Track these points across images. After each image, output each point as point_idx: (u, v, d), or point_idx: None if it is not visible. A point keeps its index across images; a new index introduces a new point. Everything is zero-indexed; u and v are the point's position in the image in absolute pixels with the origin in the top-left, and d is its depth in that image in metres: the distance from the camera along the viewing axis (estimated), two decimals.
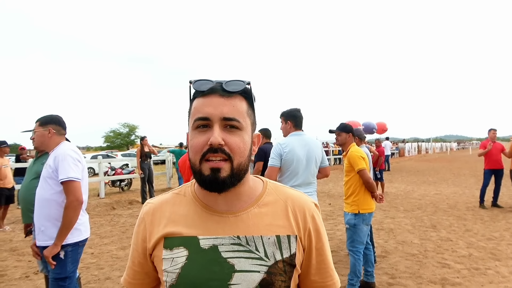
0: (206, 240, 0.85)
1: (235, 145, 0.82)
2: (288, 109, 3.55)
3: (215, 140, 0.80)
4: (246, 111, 0.87)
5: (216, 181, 0.81)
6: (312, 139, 3.49)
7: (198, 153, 0.82)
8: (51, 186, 2.43)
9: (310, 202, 0.95)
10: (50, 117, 2.65)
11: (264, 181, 0.96)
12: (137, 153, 9.67)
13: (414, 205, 8.60)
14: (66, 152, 2.46)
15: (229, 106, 0.83)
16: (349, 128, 3.84)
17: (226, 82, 0.85)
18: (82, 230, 2.53)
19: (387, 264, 4.54)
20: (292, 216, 0.90)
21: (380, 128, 15.83)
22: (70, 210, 2.37)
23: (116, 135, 52.16)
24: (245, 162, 0.85)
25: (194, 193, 0.93)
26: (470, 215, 7.34)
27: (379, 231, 6.14)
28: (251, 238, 0.86)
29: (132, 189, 12.82)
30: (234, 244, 0.85)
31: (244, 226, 0.87)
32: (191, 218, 0.89)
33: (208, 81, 0.85)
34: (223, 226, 0.86)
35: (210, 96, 0.84)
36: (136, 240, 0.94)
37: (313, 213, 0.92)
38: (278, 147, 3.39)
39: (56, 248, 2.35)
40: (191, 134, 0.86)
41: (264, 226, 0.87)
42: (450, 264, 4.50)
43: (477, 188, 10.99)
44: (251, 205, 0.89)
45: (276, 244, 0.86)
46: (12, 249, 5.47)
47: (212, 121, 0.82)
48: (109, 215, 8.07)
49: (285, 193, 0.94)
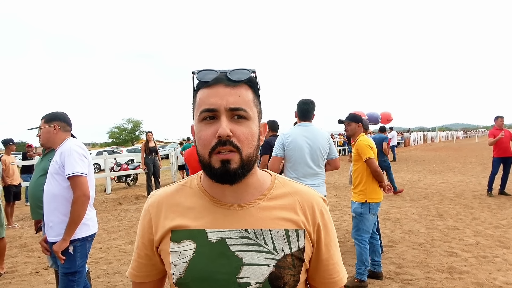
0: (214, 233, 0.85)
1: (243, 135, 0.81)
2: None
3: (223, 131, 0.78)
4: (252, 100, 0.86)
5: (227, 173, 0.80)
6: (318, 130, 3.48)
7: (207, 146, 0.81)
8: (58, 182, 2.45)
9: (319, 197, 0.94)
10: (55, 114, 2.66)
11: (272, 175, 0.96)
12: (142, 148, 9.71)
13: (420, 195, 8.57)
14: (72, 148, 2.48)
15: (235, 96, 0.82)
16: (358, 118, 3.88)
17: (231, 71, 0.84)
18: (90, 225, 2.55)
19: (394, 253, 4.55)
20: (300, 211, 0.89)
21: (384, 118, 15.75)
22: (77, 205, 2.39)
23: (121, 131, 52.36)
24: (253, 152, 0.84)
25: (200, 185, 0.92)
26: (477, 204, 7.31)
27: (385, 221, 6.14)
28: (260, 232, 0.85)
29: (138, 184, 12.90)
30: (242, 238, 0.84)
31: (252, 219, 0.86)
32: (198, 210, 0.88)
33: (212, 71, 0.84)
34: (231, 219, 0.86)
35: (215, 86, 0.83)
36: (142, 232, 0.93)
37: (321, 208, 0.92)
38: (281, 137, 3.46)
39: (65, 243, 2.38)
40: (198, 127, 0.84)
41: (272, 220, 0.86)
42: (457, 252, 4.49)
43: (483, 176, 10.94)
44: (259, 198, 0.89)
45: (284, 237, 0.85)
46: (22, 246, 5.54)
47: (218, 112, 0.81)
48: (116, 210, 8.14)
49: (294, 187, 0.93)
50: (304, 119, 3.50)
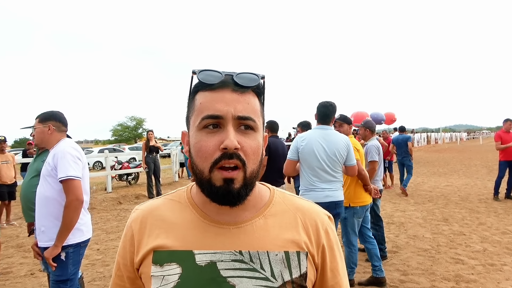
0: (203, 255, 0.73)
1: (250, 149, 0.71)
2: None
3: (231, 143, 0.67)
4: (260, 109, 0.75)
5: (229, 194, 0.69)
6: (336, 134, 3.33)
7: (208, 159, 0.70)
8: (51, 184, 2.34)
9: (323, 214, 0.83)
10: (50, 113, 2.55)
11: (271, 188, 0.84)
12: (143, 147, 9.62)
13: (424, 198, 8.43)
14: (66, 150, 2.37)
15: (243, 104, 0.71)
16: (349, 120, 3.88)
17: (238, 74, 0.72)
18: (84, 230, 2.44)
19: (398, 260, 4.42)
20: (303, 230, 0.78)
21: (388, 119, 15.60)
22: (70, 210, 2.28)
23: (123, 129, 52.45)
24: (257, 168, 0.73)
25: (190, 199, 0.80)
26: (483, 208, 7.17)
27: (389, 225, 6.01)
28: (256, 254, 0.73)
29: (139, 183, 12.81)
30: (236, 261, 0.73)
31: (248, 239, 0.74)
32: (186, 228, 0.76)
33: (216, 72, 0.72)
34: (223, 239, 0.74)
35: (221, 90, 0.71)
36: (123, 251, 0.81)
37: (326, 227, 0.80)
38: (296, 140, 3.35)
39: (57, 250, 2.27)
40: (197, 135, 0.72)
41: (270, 240, 0.75)
42: (464, 259, 4.36)
43: (489, 180, 10.78)
44: (256, 215, 0.77)
45: (284, 261, 0.74)
46: (19, 245, 5.46)
47: (224, 120, 0.69)
48: (116, 209, 8.05)
49: (295, 203, 0.82)
50: (322, 122, 3.36)
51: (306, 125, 5.36)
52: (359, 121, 6.63)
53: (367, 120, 4.64)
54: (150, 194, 9.37)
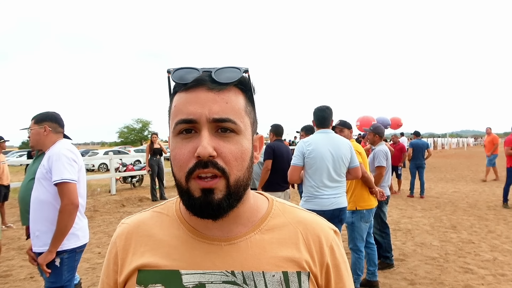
0: (190, 275, 0.65)
1: (230, 155, 0.62)
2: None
3: (203, 150, 0.59)
4: (244, 108, 0.66)
5: (209, 205, 0.61)
6: (339, 138, 3.31)
7: (183, 168, 0.62)
8: (45, 188, 2.27)
9: (328, 228, 0.73)
10: (45, 114, 2.48)
11: (270, 199, 0.75)
12: (147, 150, 9.60)
13: (432, 204, 8.27)
14: (61, 152, 2.30)
15: (220, 103, 0.62)
16: (349, 125, 3.92)
17: (217, 70, 0.64)
18: (80, 235, 2.37)
19: (405, 268, 4.29)
20: (304, 246, 0.69)
21: (394, 123, 15.43)
22: (64, 214, 2.20)
23: (130, 131, 52.62)
24: (244, 176, 0.64)
25: (179, 213, 0.72)
26: (492, 215, 7.00)
27: (396, 232, 5.87)
28: (250, 275, 0.65)
29: (143, 185, 12.76)
30: (227, 283, 0.65)
31: (241, 258, 0.66)
32: (173, 245, 0.68)
33: (193, 70, 0.64)
34: (214, 258, 0.66)
35: (195, 89, 0.63)
36: (107, 270, 0.74)
37: (331, 243, 0.71)
38: (301, 145, 3.24)
39: (51, 255, 2.19)
40: (173, 142, 0.65)
41: (267, 259, 0.66)
42: (473, 269, 4.22)
43: (497, 186, 10.58)
44: (252, 230, 0.69)
45: (282, 283, 0.65)
46: (20, 248, 5.39)
47: (198, 124, 0.62)
48: (119, 212, 7.99)
49: (296, 216, 0.73)
50: (322, 126, 3.30)
51: (309, 129, 5.26)
52: (366, 126, 6.52)
53: (376, 125, 4.53)
54: (154, 197, 9.32)
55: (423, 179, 9.45)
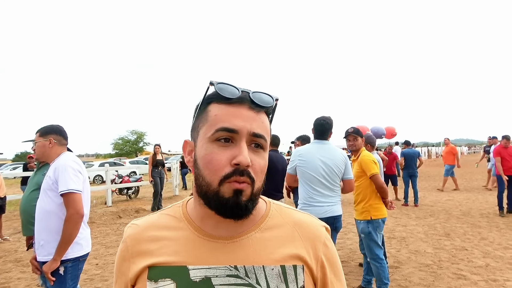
0: (197, 270, 0.73)
1: (259, 168, 0.72)
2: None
3: (245, 160, 0.68)
4: (269, 129, 0.77)
5: (238, 205, 0.70)
6: (334, 149, 3.38)
7: (219, 172, 0.70)
8: (51, 198, 2.35)
9: (321, 226, 0.83)
10: (50, 127, 2.57)
11: (267, 201, 0.85)
12: (149, 161, 9.64)
13: (426, 212, 8.38)
14: (67, 163, 2.38)
15: (258, 122, 0.72)
16: (361, 133, 3.86)
17: (254, 92, 0.74)
18: (83, 244, 2.43)
19: (400, 275, 4.37)
20: (300, 243, 0.78)
21: (389, 133, 15.62)
22: (70, 223, 2.28)
23: (124, 142, 52.51)
24: (261, 185, 0.75)
25: (186, 214, 0.80)
26: (484, 222, 7.11)
27: (390, 240, 5.96)
28: (251, 269, 0.73)
29: (139, 197, 12.76)
30: (231, 276, 0.73)
31: (243, 254, 0.74)
32: (181, 243, 0.76)
33: (233, 87, 0.73)
34: (218, 254, 0.74)
35: (238, 106, 0.72)
36: (119, 270, 0.81)
37: (324, 240, 0.80)
38: (294, 155, 3.39)
39: (55, 264, 2.26)
40: (208, 147, 0.72)
41: (267, 255, 0.75)
42: (466, 275, 4.31)
43: (490, 194, 10.72)
44: (252, 229, 0.77)
45: (281, 276, 0.74)
46: (17, 260, 5.41)
47: (239, 135, 0.70)
48: (115, 224, 8.00)
49: (292, 216, 0.82)
50: (320, 137, 3.40)
51: (305, 139, 5.38)
52: None
53: (368, 134, 4.66)
54: (154, 209, 9.27)
55: (416, 188, 9.60)
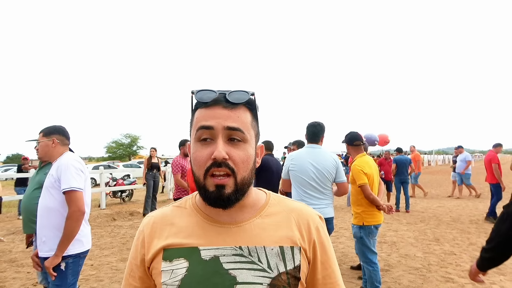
0: (207, 250, 0.83)
1: (239, 159, 0.81)
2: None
3: (219, 154, 0.78)
4: (250, 122, 0.86)
5: (221, 197, 0.80)
6: (325, 153, 3.47)
7: (202, 167, 0.81)
8: (53, 196, 2.43)
9: (314, 214, 0.93)
10: (54, 127, 2.66)
11: (267, 193, 0.95)
12: (144, 163, 9.65)
13: (417, 218, 8.52)
14: (69, 162, 2.46)
15: (233, 118, 0.82)
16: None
17: (230, 92, 0.84)
18: (84, 241, 2.51)
19: (390, 278, 4.48)
20: (296, 228, 0.88)
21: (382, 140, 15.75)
22: (72, 220, 2.36)
23: (118, 146, 52.26)
24: (248, 176, 0.84)
25: (195, 205, 0.91)
26: (473, 228, 7.27)
27: (381, 244, 6.07)
28: (254, 249, 0.84)
29: (133, 200, 12.76)
30: (236, 255, 0.83)
31: (247, 236, 0.85)
32: (192, 228, 0.87)
33: (211, 91, 0.84)
34: (225, 237, 0.85)
35: (213, 107, 0.83)
36: (135, 253, 0.91)
37: (317, 225, 0.91)
38: (287, 159, 3.50)
39: (57, 259, 2.33)
40: (194, 147, 0.84)
41: (267, 237, 0.85)
42: (454, 278, 4.43)
43: (480, 201, 10.93)
44: (254, 215, 0.88)
45: (279, 255, 0.84)
46: (12, 260, 5.42)
47: (215, 130, 0.81)
48: (110, 226, 8.02)
49: (289, 205, 0.93)
50: (312, 141, 3.52)
51: (301, 144, 5.50)
52: None
53: None
54: (146, 211, 9.25)
55: (408, 194, 9.80)
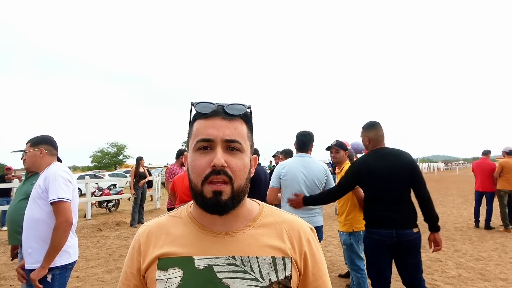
0: (201, 260, 0.85)
1: (236, 167, 0.84)
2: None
3: (218, 161, 0.81)
4: (247, 134, 0.89)
5: (218, 204, 0.82)
6: (314, 161, 3.51)
7: (201, 175, 0.83)
8: (40, 206, 2.39)
9: (306, 226, 0.95)
10: (41, 137, 2.63)
11: (260, 204, 0.98)
12: (132, 173, 9.49)
13: None
14: (57, 173, 2.44)
15: (231, 129, 0.85)
16: (345, 146, 3.97)
17: (228, 105, 0.87)
18: (71, 252, 2.47)
19: None
20: (287, 239, 0.90)
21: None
22: (59, 231, 2.32)
23: (103, 155, 51.60)
24: (244, 184, 0.86)
25: (190, 214, 0.93)
26: (458, 235, 7.40)
27: None
28: (247, 259, 0.86)
29: (119, 210, 12.60)
30: (230, 265, 0.85)
31: (240, 246, 0.87)
32: (187, 238, 0.89)
33: (210, 104, 0.87)
34: (219, 247, 0.87)
35: (213, 118, 0.86)
36: (131, 262, 0.93)
37: (308, 237, 0.93)
38: (277, 168, 3.51)
39: (44, 271, 2.29)
40: (193, 156, 0.86)
41: (259, 247, 0.87)
42: (440, 285, 4.50)
43: (464, 208, 11.12)
44: (247, 226, 0.90)
45: (271, 265, 0.86)
46: None
47: (214, 142, 0.83)
48: (96, 236, 7.89)
49: (281, 216, 0.95)
50: (301, 150, 3.55)
51: (288, 153, 5.54)
52: None
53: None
54: (134, 221, 9.12)
55: None
